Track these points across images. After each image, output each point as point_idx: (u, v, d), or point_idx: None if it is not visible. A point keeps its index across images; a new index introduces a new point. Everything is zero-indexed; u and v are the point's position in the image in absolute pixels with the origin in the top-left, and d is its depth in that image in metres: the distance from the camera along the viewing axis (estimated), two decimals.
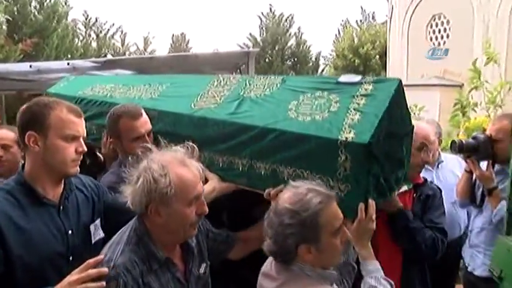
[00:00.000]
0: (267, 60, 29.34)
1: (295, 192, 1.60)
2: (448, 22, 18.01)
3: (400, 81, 2.01)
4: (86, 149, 1.84)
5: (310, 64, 30.74)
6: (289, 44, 30.21)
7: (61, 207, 1.82)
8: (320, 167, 1.77)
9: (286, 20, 30.09)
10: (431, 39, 18.86)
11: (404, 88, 2.04)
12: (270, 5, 31.31)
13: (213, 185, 2.11)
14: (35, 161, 1.76)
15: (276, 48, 29.66)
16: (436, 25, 18.65)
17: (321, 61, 31.37)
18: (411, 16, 19.57)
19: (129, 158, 1.69)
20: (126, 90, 2.67)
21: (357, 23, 28.58)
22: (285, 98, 2.06)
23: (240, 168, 2.04)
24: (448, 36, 18.01)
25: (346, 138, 1.69)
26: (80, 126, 1.82)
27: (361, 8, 39.49)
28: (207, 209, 1.69)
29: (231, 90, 2.26)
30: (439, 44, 18.45)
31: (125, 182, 1.65)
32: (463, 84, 11.66)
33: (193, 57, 9.08)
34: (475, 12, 15.20)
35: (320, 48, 61.65)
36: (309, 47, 30.65)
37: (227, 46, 62.90)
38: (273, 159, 1.91)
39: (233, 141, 2.03)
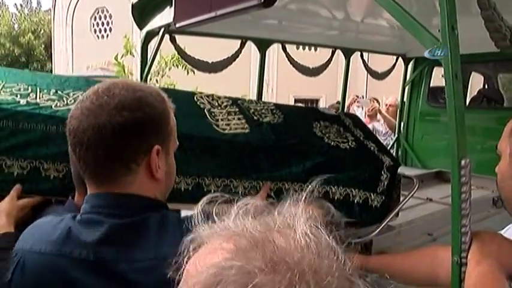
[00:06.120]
0: None
1: None
2: (110, 16, 18.56)
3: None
4: None
5: None
6: None
7: None
8: (366, 184, 2.16)
9: None
10: (95, 31, 19.10)
11: None
12: None
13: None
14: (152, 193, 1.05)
15: None
16: (100, 18, 18.98)
17: None
18: (75, 7, 19.34)
19: None
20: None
21: (17, 8, 26.17)
22: (302, 126, 2.28)
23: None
24: (111, 29, 18.57)
25: (389, 162, 2.22)
26: None
27: None
28: None
29: (238, 114, 2.17)
30: (102, 36, 18.83)
31: None
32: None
33: None
34: None
35: None
36: None
37: None
38: (327, 179, 2.09)
39: (290, 168, 2.05)
